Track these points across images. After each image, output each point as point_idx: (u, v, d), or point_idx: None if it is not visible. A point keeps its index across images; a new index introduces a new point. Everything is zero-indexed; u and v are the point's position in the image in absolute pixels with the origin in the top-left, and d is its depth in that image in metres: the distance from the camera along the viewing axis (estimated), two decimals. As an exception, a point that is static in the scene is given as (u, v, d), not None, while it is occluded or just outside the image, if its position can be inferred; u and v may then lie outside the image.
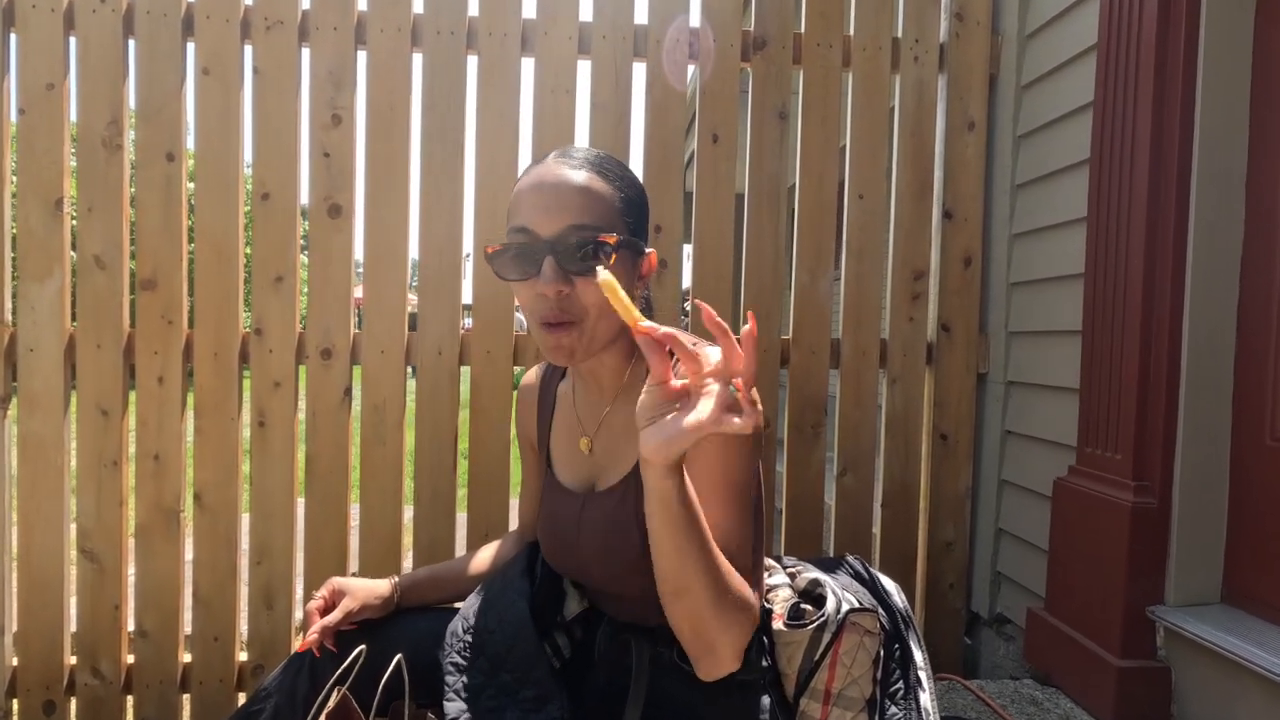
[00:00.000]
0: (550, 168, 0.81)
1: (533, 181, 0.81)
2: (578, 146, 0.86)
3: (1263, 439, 1.24)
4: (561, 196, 0.78)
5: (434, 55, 1.61)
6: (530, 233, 0.78)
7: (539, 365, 1.04)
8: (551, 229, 0.78)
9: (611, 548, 0.84)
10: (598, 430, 0.89)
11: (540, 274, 0.77)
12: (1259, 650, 1.12)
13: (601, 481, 0.88)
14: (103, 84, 1.54)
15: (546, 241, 0.78)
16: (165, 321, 1.56)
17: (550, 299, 0.78)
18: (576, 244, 0.77)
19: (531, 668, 0.81)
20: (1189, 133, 1.29)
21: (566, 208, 0.78)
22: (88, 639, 1.56)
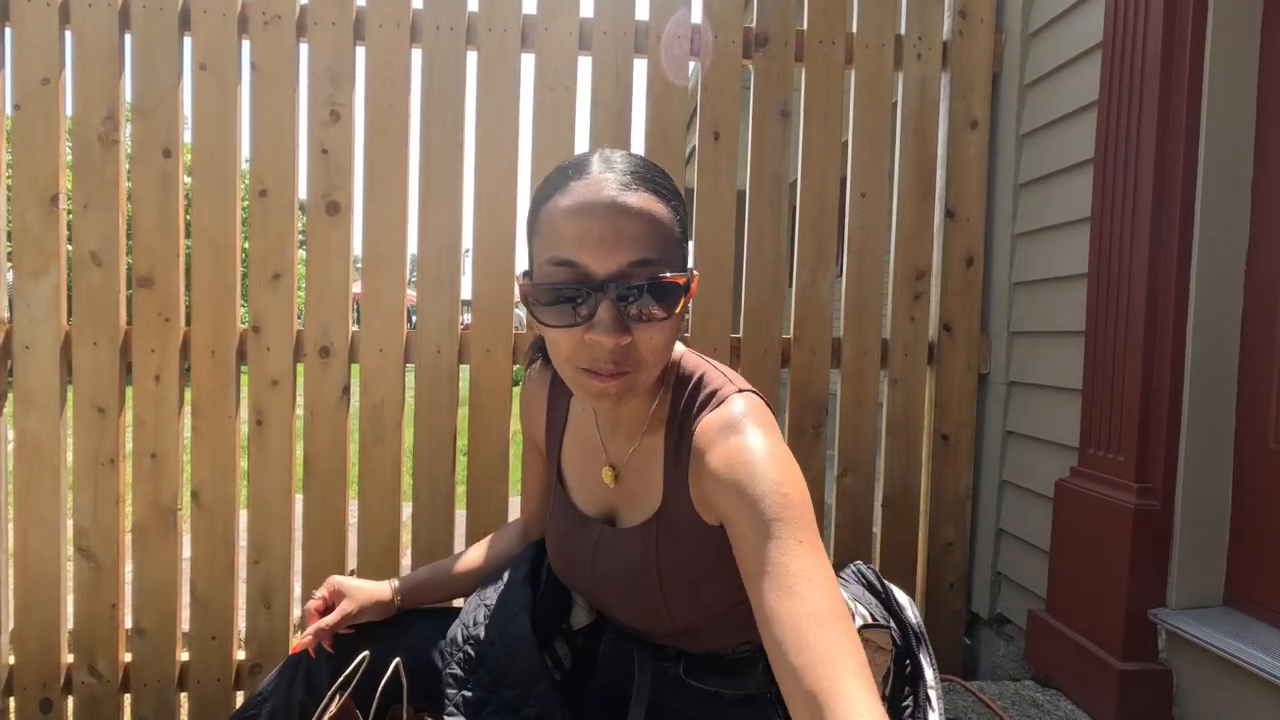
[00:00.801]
0: (599, 185, 0.66)
1: (579, 202, 0.66)
2: (617, 152, 0.71)
3: (1266, 442, 1.24)
4: (619, 225, 0.65)
5: (433, 51, 1.60)
6: (578, 268, 0.65)
7: (541, 365, 0.95)
8: (607, 266, 0.65)
9: (632, 587, 0.79)
10: (623, 467, 0.81)
11: (594, 321, 0.65)
12: (1261, 654, 1.11)
13: (622, 517, 0.82)
14: (98, 79, 1.52)
15: (601, 281, 0.65)
16: (162, 319, 1.55)
17: (605, 350, 0.66)
18: (640, 287, 0.65)
19: (534, 684, 0.79)
20: (1194, 132, 1.28)
21: (625, 240, 0.65)
22: (85, 637, 1.56)
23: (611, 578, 0.81)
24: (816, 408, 1.71)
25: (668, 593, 0.78)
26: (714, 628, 0.82)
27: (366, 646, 0.87)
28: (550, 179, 0.71)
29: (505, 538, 1.04)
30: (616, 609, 0.83)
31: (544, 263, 0.67)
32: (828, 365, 1.71)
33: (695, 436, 0.74)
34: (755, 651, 0.87)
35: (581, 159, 0.71)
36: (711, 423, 0.73)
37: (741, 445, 0.69)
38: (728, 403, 0.74)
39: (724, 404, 0.74)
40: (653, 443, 0.79)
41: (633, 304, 0.66)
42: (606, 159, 0.70)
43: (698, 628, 0.81)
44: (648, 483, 0.80)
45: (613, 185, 0.67)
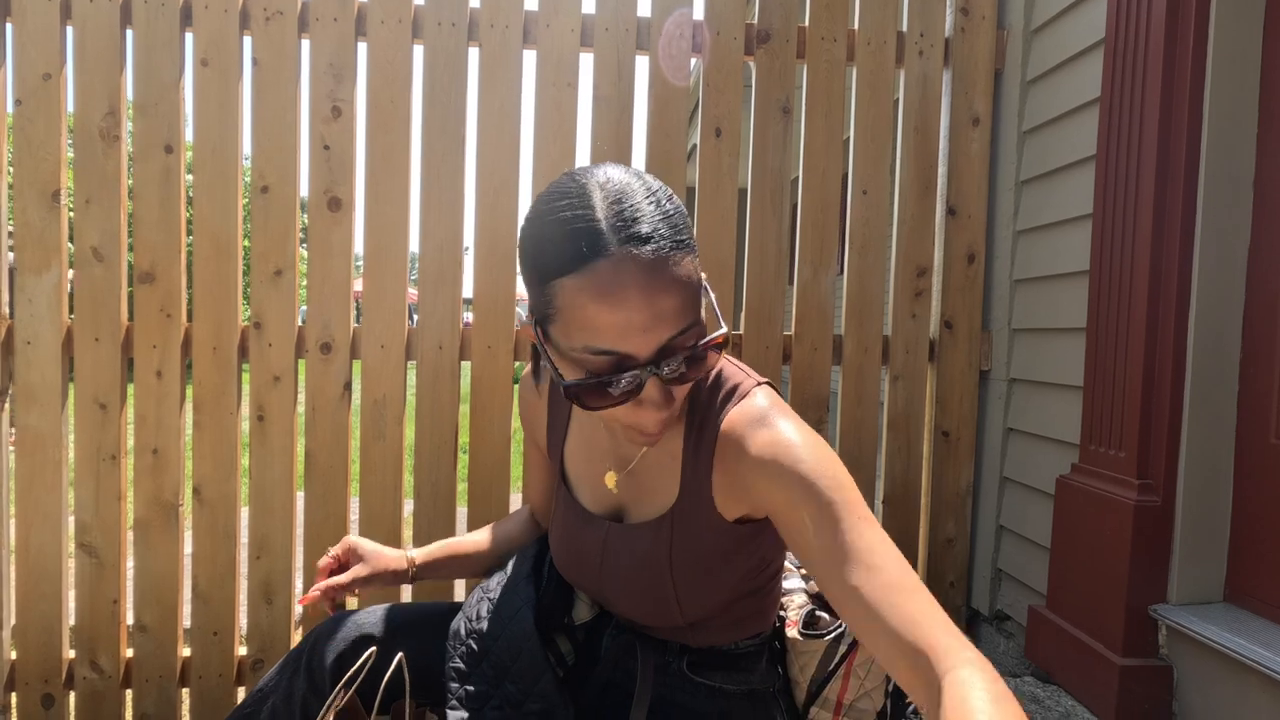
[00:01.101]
0: (625, 272, 0.60)
1: (607, 295, 0.60)
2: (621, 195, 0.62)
3: (1267, 437, 1.24)
4: (657, 309, 0.61)
5: (435, 47, 1.60)
6: (619, 355, 0.63)
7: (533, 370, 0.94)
8: (649, 348, 0.62)
9: (642, 583, 0.80)
10: (634, 465, 0.81)
11: (642, 399, 0.65)
12: (1262, 649, 1.11)
13: (631, 513, 0.83)
14: (100, 75, 1.52)
15: (645, 363, 0.63)
16: (164, 315, 1.55)
17: (656, 419, 0.67)
18: (684, 360, 0.65)
19: (537, 680, 0.79)
20: (1197, 130, 1.28)
21: (664, 319, 0.62)
22: (86, 633, 1.56)
23: (621, 573, 0.81)
24: (817, 404, 1.71)
25: (679, 587, 0.78)
26: (721, 622, 0.83)
27: (370, 643, 0.88)
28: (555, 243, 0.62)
29: (515, 522, 1.05)
30: (625, 605, 0.83)
31: (578, 349, 0.63)
32: (829, 362, 1.71)
33: (723, 431, 0.73)
34: (759, 646, 0.87)
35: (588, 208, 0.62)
36: (740, 417, 0.73)
37: (781, 436, 0.69)
38: (751, 396, 0.74)
39: (747, 397, 0.74)
40: (671, 441, 0.78)
41: (676, 374, 0.65)
42: (615, 214, 0.61)
43: (705, 622, 0.81)
44: (661, 479, 0.79)
45: (641, 264, 0.60)
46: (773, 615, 0.88)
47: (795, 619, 0.89)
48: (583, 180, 0.64)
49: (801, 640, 0.87)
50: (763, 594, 0.84)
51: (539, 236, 0.64)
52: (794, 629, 0.89)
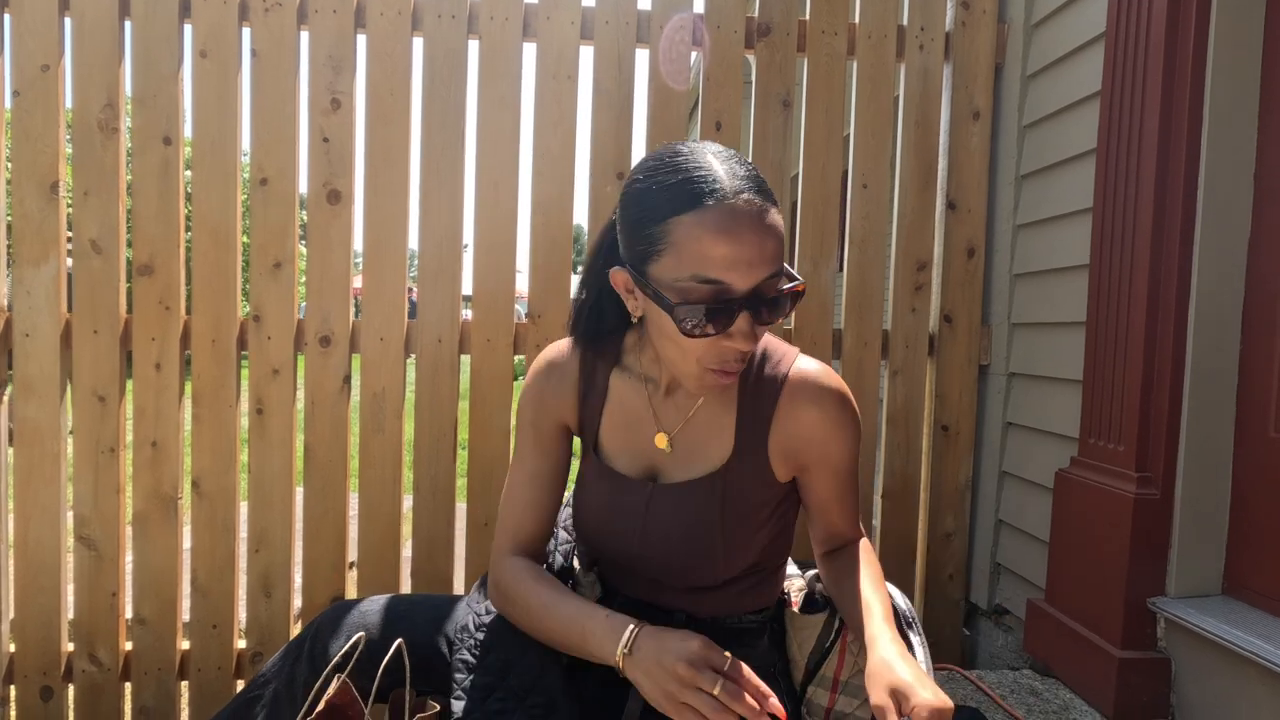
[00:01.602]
0: (743, 208, 0.70)
1: (726, 227, 0.69)
2: (729, 153, 0.74)
3: (1266, 431, 1.24)
4: (764, 247, 0.70)
5: (434, 39, 1.59)
6: (722, 286, 0.70)
7: (566, 345, 0.93)
8: (749, 282, 0.71)
9: (690, 538, 0.84)
10: (682, 427, 0.86)
11: (733, 331, 0.72)
12: (1260, 641, 1.12)
13: (672, 473, 0.86)
14: (98, 66, 1.51)
15: (742, 297, 0.71)
16: (163, 307, 1.55)
17: (738, 353, 0.74)
18: (773, 299, 0.73)
19: (542, 674, 0.80)
20: (1197, 124, 1.28)
21: (766, 258, 0.71)
22: (85, 626, 1.56)
23: (667, 531, 0.84)
24: (817, 398, 1.71)
25: (726, 540, 0.84)
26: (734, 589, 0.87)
27: (371, 632, 0.88)
28: (675, 187, 0.72)
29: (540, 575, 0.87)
30: (663, 563, 0.86)
31: (684, 278, 0.71)
32: (829, 356, 1.71)
33: (792, 379, 0.84)
34: (761, 624, 0.90)
35: (704, 164, 0.72)
36: (809, 365, 0.85)
37: (846, 390, 0.85)
38: (803, 358, 0.86)
39: (802, 357, 0.86)
40: (719, 402, 0.85)
41: (765, 313, 0.73)
42: (731, 170, 0.72)
43: (733, 580, 0.86)
44: (710, 439, 0.85)
45: (754, 208, 0.71)
46: (776, 593, 0.93)
47: (796, 599, 0.93)
48: (692, 146, 0.76)
49: (801, 616, 0.90)
50: (770, 570, 0.90)
51: (653, 184, 0.73)
52: (795, 608, 0.93)
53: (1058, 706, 1.34)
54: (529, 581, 0.84)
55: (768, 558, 0.89)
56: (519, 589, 0.84)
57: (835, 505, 0.88)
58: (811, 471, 0.86)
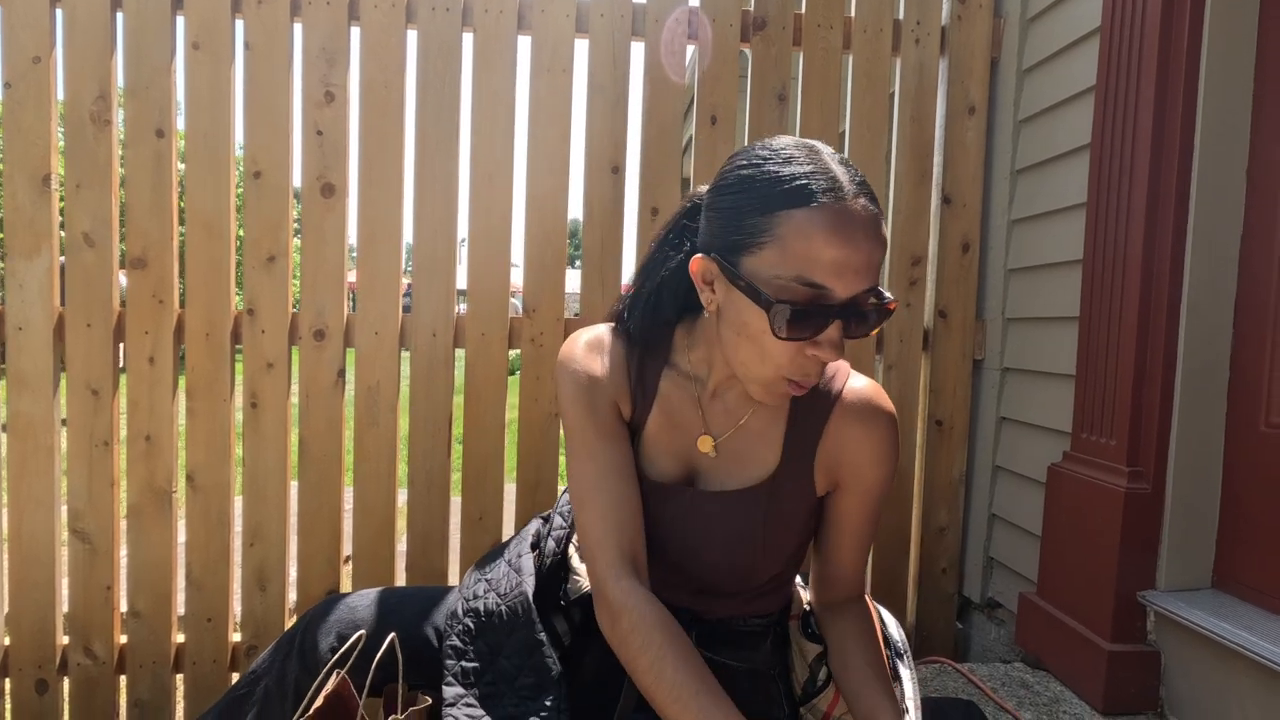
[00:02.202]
0: (859, 214, 0.66)
1: (842, 231, 0.65)
2: (845, 158, 0.72)
3: (1257, 425, 1.25)
4: (872, 258, 0.67)
5: (428, 31, 1.59)
6: (824, 291, 0.66)
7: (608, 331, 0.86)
8: (849, 290, 0.67)
9: (732, 546, 0.82)
10: (732, 433, 0.83)
11: (822, 339, 0.68)
12: (1248, 635, 1.12)
13: (713, 480, 0.84)
14: (90, 58, 1.50)
15: (840, 305, 0.67)
16: (156, 301, 1.54)
17: (820, 363, 0.70)
18: (864, 313, 0.69)
19: (530, 655, 0.80)
20: (1191, 119, 1.28)
21: (871, 269, 0.67)
22: (80, 619, 1.56)
23: (706, 539, 0.82)
24: (811, 393, 1.72)
25: (768, 550, 0.83)
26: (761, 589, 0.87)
27: (359, 625, 0.88)
28: (789, 180, 0.67)
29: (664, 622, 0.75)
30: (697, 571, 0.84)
31: (786, 276, 0.67)
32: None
33: (847, 396, 0.82)
34: (766, 627, 0.90)
35: (821, 162, 0.69)
36: (865, 384, 0.83)
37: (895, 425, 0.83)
38: (856, 375, 0.84)
39: (853, 376, 0.84)
40: (769, 412, 0.83)
41: (855, 326, 0.69)
42: (849, 174, 0.69)
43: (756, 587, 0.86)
44: (757, 449, 0.83)
45: (870, 215, 0.68)
46: (783, 599, 0.92)
47: (796, 613, 0.93)
48: (803, 140, 0.72)
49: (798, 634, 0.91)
50: (787, 579, 0.90)
51: (764, 173, 0.69)
52: (795, 622, 0.93)
53: (1048, 699, 1.35)
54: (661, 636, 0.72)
55: (789, 568, 0.88)
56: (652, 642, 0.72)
57: (853, 539, 0.85)
58: (843, 492, 0.84)
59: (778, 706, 0.88)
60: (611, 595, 0.75)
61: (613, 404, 0.83)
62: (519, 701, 0.78)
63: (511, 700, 0.78)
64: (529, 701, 0.78)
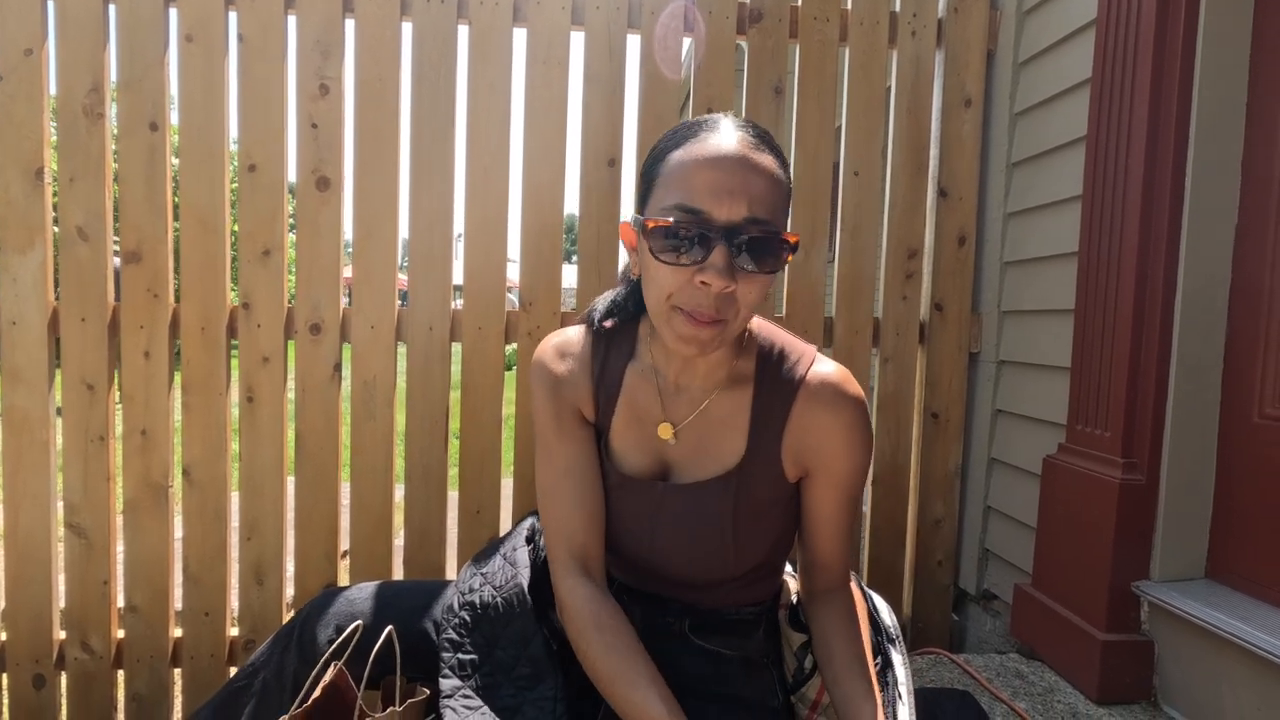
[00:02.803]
0: (734, 140, 0.70)
1: (709, 154, 0.69)
2: (750, 122, 0.75)
3: (1250, 417, 1.25)
4: (747, 180, 0.69)
5: (424, 24, 1.58)
6: (702, 214, 0.69)
7: (577, 332, 0.89)
8: (729, 215, 0.69)
9: (702, 538, 0.82)
10: (691, 420, 0.83)
11: (707, 264, 0.69)
12: (1241, 624, 1.13)
13: (683, 473, 0.84)
14: (83, 50, 1.49)
15: (721, 228, 0.69)
16: (151, 295, 1.54)
17: (712, 293, 0.70)
18: (755, 239, 0.69)
19: (526, 644, 0.81)
20: (1186, 112, 1.28)
21: (750, 194, 0.69)
22: (77, 614, 1.56)
23: (678, 531, 0.82)
24: (808, 386, 1.72)
25: (739, 539, 0.82)
26: (745, 579, 0.87)
27: (358, 618, 0.88)
28: (678, 131, 0.74)
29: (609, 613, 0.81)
30: (673, 563, 0.84)
31: (668, 206, 0.70)
32: (820, 344, 1.72)
33: (810, 381, 0.81)
34: (758, 615, 0.90)
35: (712, 117, 0.74)
36: (828, 368, 0.82)
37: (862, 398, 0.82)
38: (821, 360, 0.84)
39: (821, 359, 0.84)
40: (733, 400, 0.82)
41: (744, 254, 0.70)
42: (737, 120, 0.74)
43: (740, 577, 0.86)
44: (722, 437, 0.83)
45: (747, 143, 0.71)
46: (775, 587, 0.93)
47: (785, 603, 0.94)
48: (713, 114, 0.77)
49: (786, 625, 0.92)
50: (774, 567, 0.90)
51: (664, 137, 0.76)
52: (784, 611, 0.94)
53: (1043, 689, 1.36)
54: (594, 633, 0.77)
55: (774, 556, 0.88)
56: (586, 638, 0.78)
57: (830, 525, 0.84)
58: (814, 479, 0.83)
59: (772, 694, 0.88)
60: (559, 594, 0.82)
61: (574, 406, 0.86)
62: (516, 691, 0.78)
63: (509, 690, 0.79)
64: (526, 691, 0.78)
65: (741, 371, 0.83)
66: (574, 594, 0.81)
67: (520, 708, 0.77)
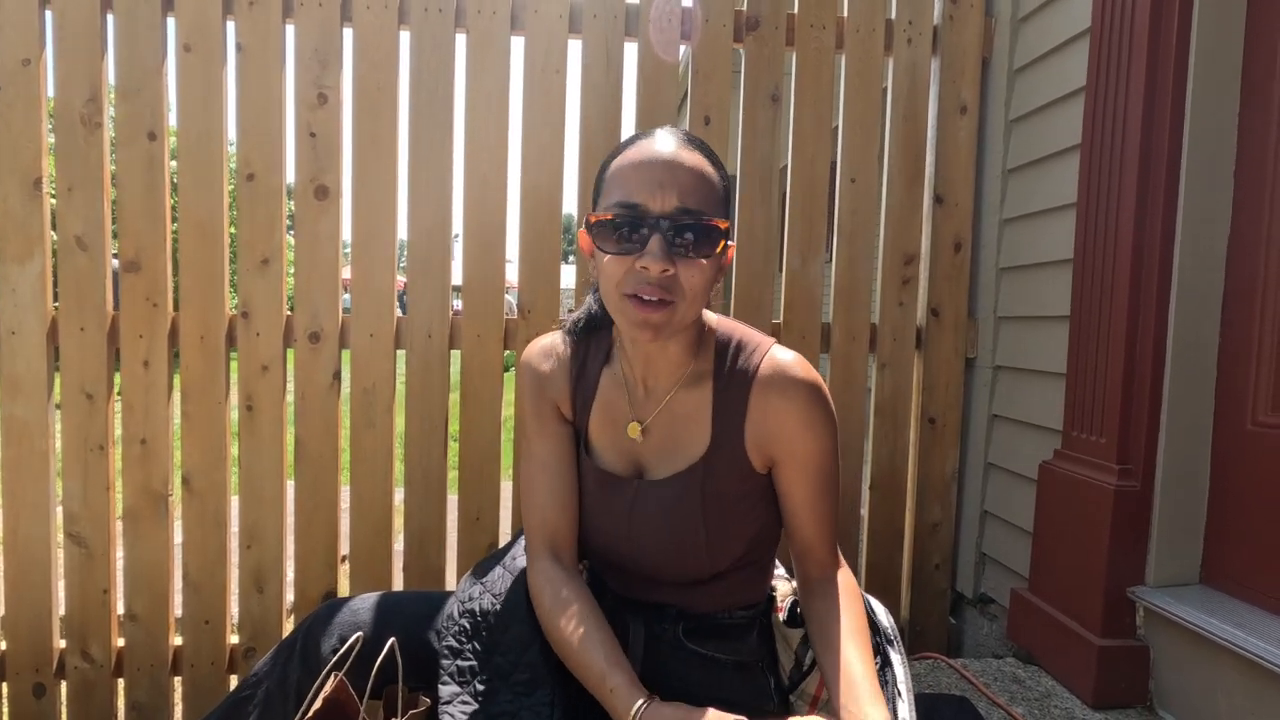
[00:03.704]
0: (662, 141, 0.78)
1: (642, 156, 0.78)
2: (687, 132, 0.83)
3: (1244, 424, 1.26)
4: (675, 174, 0.76)
5: (422, 32, 1.58)
6: (637, 208, 0.76)
7: (559, 336, 0.94)
8: (661, 206, 0.76)
9: (674, 532, 0.84)
10: (655, 416, 0.87)
11: (645, 251, 0.75)
12: (1236, 630, 1.14)
13: (655, 469, 0.87)
14: (81, 60, 1.50)
15: (655, 218, 0.76)
16: (150, 304, 1.54)
17: (652, 275, 0.76)
18: (686, 226, 0.76)
19: (524, 651, 0.81)
20: (1179, 120, 1.29)
21: (678, 186, 0.76)
22: (77, 622, 1.56)
23: (653, 526, 0.85)
24: (806, 392, 1.72)
25: (710, 532, 0.84)
26: (725, 584, 0.88)
27: (361, 628, 0.89)
28: (622, 144, 0.82)
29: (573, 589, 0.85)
30: (655, 558, 0.86)
31: (609, 205, 0.78)
32: (817, 350, 1.73)
33: (763, 371, 0.84)
34: (751, 619, 0.91)
35: (651, 129, 0.82)
36: (782, 356, 0.85)
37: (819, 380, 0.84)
38: (778, 348, 0.86)
39: (776, 347, 0.86)
40: (695, 396, 0.86)
41: (679, 239, 0.76)
42: (671, 129, 0.81)
43: (724, 573, 0.87)
44: (688, 432, 0.86)
45: (672, 143, 0.79)
46: (765, 588, 0.94)
47: (781, 605, 0.95)
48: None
49: (784, 626, 0.92)
50: (759, 565, 0.91)
51: (610, 152, 0.83)
52: (781, 614, 0.94)
53: (1039, 694, 1.37)
54: (560, 606, 0.82)
55: (754, 551, 0.89)
56: (549, 607, 0.83)
57: (806, 511, 0.85)
58: (782, 466, 0.85)
59: (767, 698, 0.89)
60: (531, 578, 0.87)
61: (554, 404, 0.92)
62: (514, 697, 0.79)
63: (507, 696, 0.79)
64: (523, 697, 0.79)
65: (702, 368, 0.87)
66: (542, 574, 0.86)
67: (517, 713, 0.78)
